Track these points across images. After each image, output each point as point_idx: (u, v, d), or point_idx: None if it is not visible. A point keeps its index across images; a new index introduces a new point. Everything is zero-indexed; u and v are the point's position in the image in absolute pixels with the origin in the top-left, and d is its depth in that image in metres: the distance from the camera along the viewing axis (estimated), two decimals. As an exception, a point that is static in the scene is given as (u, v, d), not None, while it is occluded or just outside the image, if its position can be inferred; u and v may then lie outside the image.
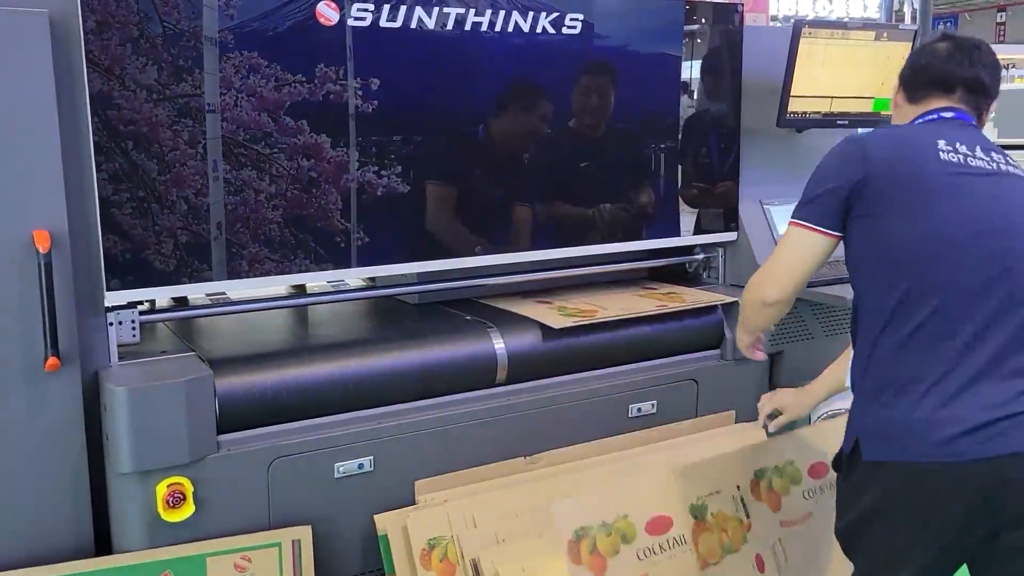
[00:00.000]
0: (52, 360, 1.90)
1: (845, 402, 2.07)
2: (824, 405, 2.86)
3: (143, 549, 2.00)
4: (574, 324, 2.47)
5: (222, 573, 2.05)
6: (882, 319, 1.68)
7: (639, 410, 2.64)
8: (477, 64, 2.45)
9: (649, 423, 2.65)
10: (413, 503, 2.29)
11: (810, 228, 1.74)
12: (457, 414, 2.36)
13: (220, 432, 2.07)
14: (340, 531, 2.21)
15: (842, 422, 2.32)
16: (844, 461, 1.75)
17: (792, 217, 1.79)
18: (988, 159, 1.73)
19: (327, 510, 2.19)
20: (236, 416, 2.10)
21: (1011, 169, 1.74)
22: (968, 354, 1.60)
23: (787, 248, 1.80)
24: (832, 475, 2.27)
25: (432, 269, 2.49)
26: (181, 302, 2.47)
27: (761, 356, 2.17)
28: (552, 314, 2.54)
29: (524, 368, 2.47)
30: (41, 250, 1.87)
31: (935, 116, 1.81)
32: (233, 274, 2.19)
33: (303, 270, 2.28)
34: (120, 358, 2.11)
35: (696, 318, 2.77)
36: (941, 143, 1.72)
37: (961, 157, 1.70)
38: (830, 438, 2.35)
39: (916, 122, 1.83)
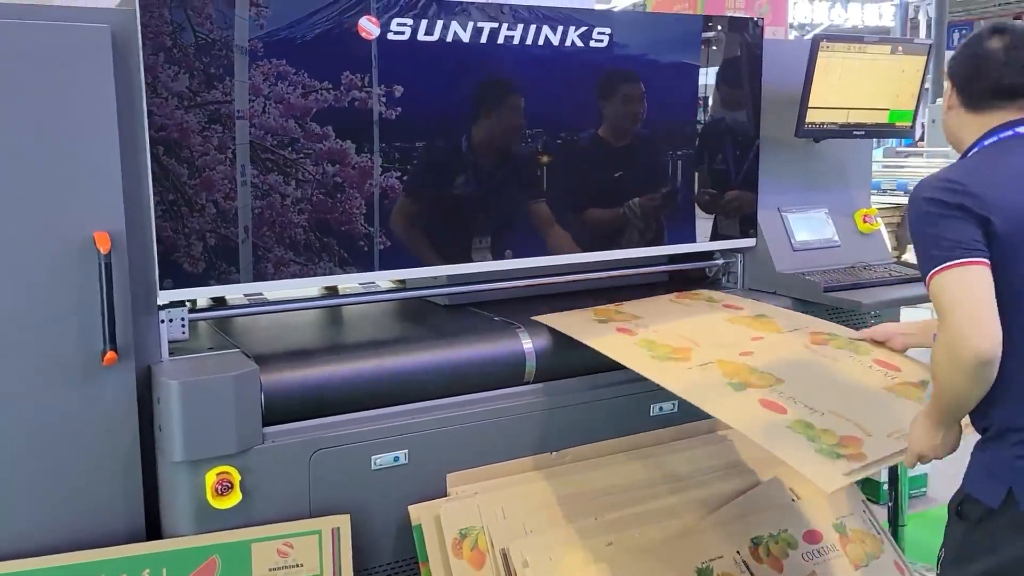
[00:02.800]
0: (110, 354, 2.02)
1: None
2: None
3: (191, 535, 2.11)
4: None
5: (265, 558, 2.16)
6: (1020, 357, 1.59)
7: (660, 409, 2.73)
8: (497, 73, 2.54)
9: (670, 422, 2.74)
10: (445, 495, 2.39)
11: (968, 263, 1.59)
12: (487, 411, 2.46)
13: (265, 424, 2.18)
14: (376, 520, 2.32)
15: (832, 497, 2.47)
16: (979, 510, 1.66)
17: (934, 268, 1.61)
18: None
19: (364, 500, 2.29)
20: (280, 409, 2.21)
21: None
22: None
23: (961, 292, 1.58)
24: (828, 541, 2.45)
25: (451, 272, 2.59)
26: (219, 302, 2.59)
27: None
28: (644, 357, 2.39)
29: (550, 367, 2.57)
30: (102, 250, 1.99)
31: (1010, 133, 1.72)
32: (259, 276, 2.28)
33: (327, 273, 2.37)
34: (170, 354, 2.22)
35: (716, 321, 2.86)
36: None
37: None
38: (818, 510, 2.51)
39: (989, 142, 1.74)
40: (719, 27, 2.90)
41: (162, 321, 2.20)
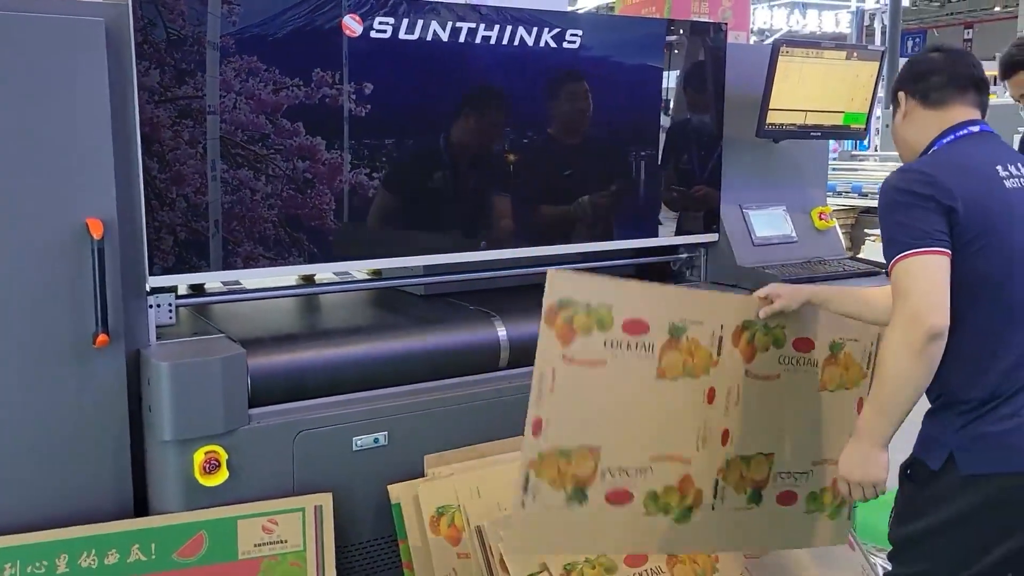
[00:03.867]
0: (102, 337, 2.09)
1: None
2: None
3: (179, 511, 2.19)
4: None
5: (251, 534, 2.25)
6: (981, 342, 1.76)
7: (628, 395, 2.85)
8: (467, 72, 2.62)
9: (637, 407, 2.87)
10: (423, 475, 2.50)
11: (928, 252, 1.70)
12: (464, 395, 2.57)
13: (251, 406, 2.26)
14: (357, 499, 2.41)
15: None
16: (925, 472, 1.80)
17: (901, 253, 1.71)
18: (1008, 175, 1.81)
19: (346, 480, 2.39)
20: (265, 391, 2.29)
21: None
22: None
23: (922, 276, 1.69)
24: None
25: (427, 263, 2.69)
26: (199, 290, 2.66)
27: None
28: (664, 530, 2.24)
29: (524, 354, 2.67)
30: (95, 236, 2.06)
31: (966, 132, 1.85)
32: (245, 264, 2.33)
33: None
34: (157, 338, 2.30)
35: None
36: (999, 169, 1.79)
37: (1018, 181, 1.79)
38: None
39: (948, 140, 1.86)
40: (682, 31, 3.03)
41: (150, 306, 2.27)
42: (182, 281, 2.31)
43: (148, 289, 2.26)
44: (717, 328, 2.22)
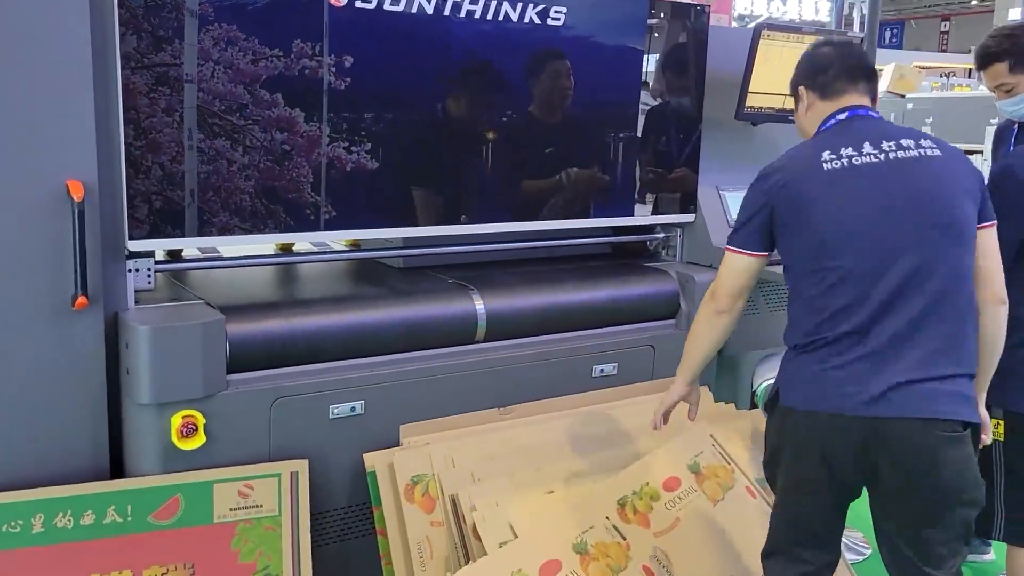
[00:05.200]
0: (81, 299, 2.09)
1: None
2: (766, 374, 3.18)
3: (156, 474, 2.20)
4: None
5: (227, 499, 2.27)
6: (802, 301, 2.05)
7: (602, 371, 2.90)
8: (450, 47, 2.60)
9: (610, 383, 2.92)
10: (398, 444, 2.53)
11: (737, 252, 2.14)
12: (440, 367, 2.59)
13: (229, 372, 2.27)
14: (333, 466, 2.44)
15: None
16: (769, 403, 2.16)
17: (727, 243, 2.17)
18: (876, 151, 2.01)
19: (322, 447, 2.41)
20: (243, 358, 2.30)
21: (900, 154, 2.00)
22: (871, 327, 1.94)
23: (726, 269, 2.18)
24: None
25: (407, 235, 2.70)
26: (174, 256, 2.66)
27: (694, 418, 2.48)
28: None
29: (501, 328, 2.72)
30: (76, 198, 2.05)
31: (834, 121, 2.10)
32: (223, 231, 2.33)
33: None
34: (136, 303, 2.30)
35: (654, 290, 3.04)
36: (825, 154, 2.02)
37: (845, 161, 2.01)
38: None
39: (821, 129, 2.12)
40: (664, 12, 3.05)
41: (129, 270, 2.27)
42: (161, 246, 2.30)
43: (127, 253, 2.25)
44: (605, 521, 2.48)
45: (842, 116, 2.10)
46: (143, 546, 2.18)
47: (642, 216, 3.15)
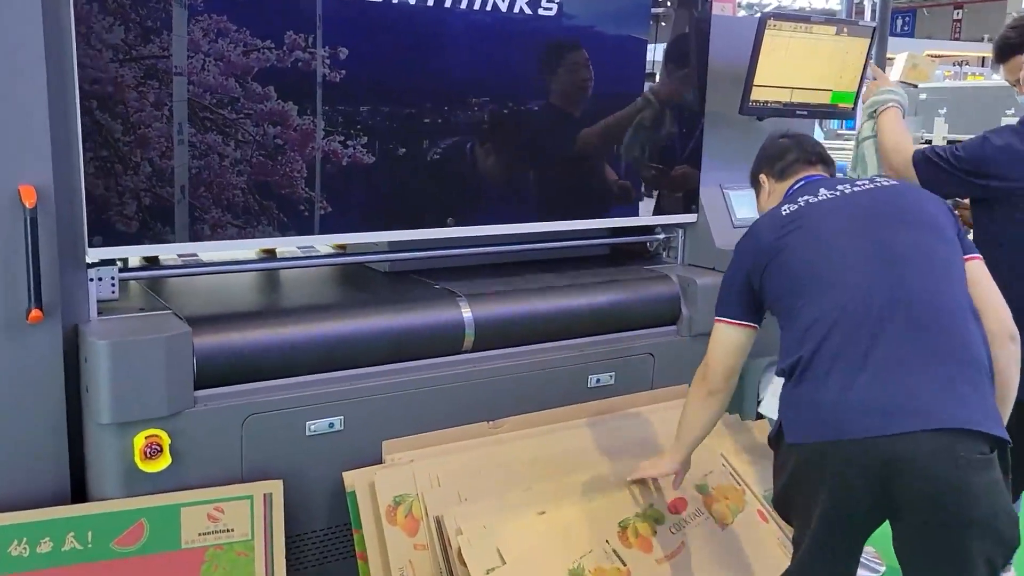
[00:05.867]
0: (35, 312, 1.95)
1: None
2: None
3: (119, 498, 2.07)
4: None
5: (195, 523, 2.13)
6: (790, 333, 1.96)
7: (598, 381, 2.76)
8: (447, 38, 2.49)
9: (607, 393, 2.77)
10: (381, 462, 2.39)
11: (725, 322, 2.12)
12: (425, 379, 2.45)
13: (197, 388, 2.14)
14: (310, 486, 2.30)
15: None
16: (773, 440, 1.98)
17: (715, 315, 2.15)
18: (832, 192, 2.04)
19: (298, 466, 2.27)
20: (212, 373, 2.16)
21: (856, 188, 2.04)
22: (865, 343, 1.82)
23: (715, 344, 2.15)
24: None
25: (392, 239, 2.56)
26: (152, 261, 2.53)
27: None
28: None
29: (490, 336, 2.57)
30: (28, 205, 1.91)
31: (791, 191, 2.16)
32: (195, 237, 2.22)
33: (266, 235, 2.32)
34: (99, 313, 2.16)
35: (654, 295, 2.89)
36: (784, 207, 2.05)
37: (802, 203, 2.03)
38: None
39: (790, 192, 2.18)
40: (668, 1, 2.90)
41: (91, 279, 2.14)
42: (122, 254, 2.17)
43: (88, 262, 2.11)
44: (605, 545, 2.34)
45: (798, 185, 2.18)
46: (105, 575, 2.05)
47: (641, 216, 2.99)
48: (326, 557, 2.37)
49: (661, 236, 3.15)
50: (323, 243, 2.54)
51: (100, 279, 2.16)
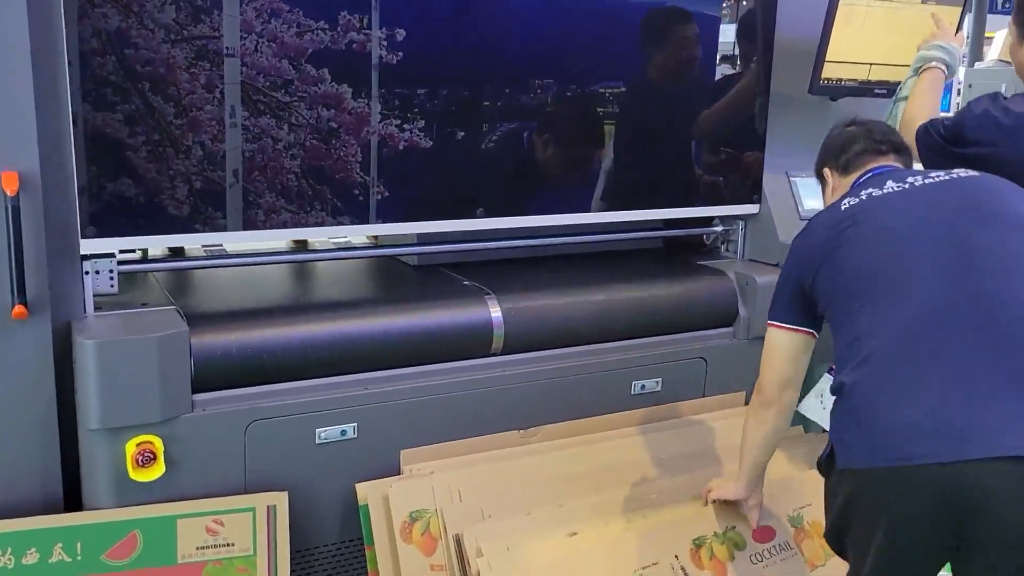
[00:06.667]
0: (18, 308, 1.81)
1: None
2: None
3: (111, 507, 1.93)
4: None
5: (192, 536, 1.98)
6: (846, 341, 1.69)
7: (643, 387, 2.52)
8: (505, 19, 2.32)
9: (653, 401, 2.53)
10: (399, 473, 2.20)
11: (777, 327, 1.91)
12: (449, 383, 2.25)
13: (195, 391, 1.98)
14: (319, 499, 2.13)
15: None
16: (823, 465, 1.74)
17: (768, 319, 1.93)
18: (900, 184, 1.76)
19: (306, 476, 2.10)
20: (213, 375, 2.00)
21: (927, 181, 1.76)
22: (926, 366, 1.56)
23: (769, 351, 1.94)
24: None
25: (449, 230, 2.37)
26: (178, 253, 2.40)
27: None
28: None
29: (521, 338, 2.35)
30: (8, 192, 1.77)
31: (856, 184, 1.89)
32: (199, 227, 2.08)
33: (318, 223, 2.19)
34: (97, 308, 2.02)
35: (708, 293, 2.63)
36: (845, 201, 1.80)
37: (864, 197, 1.77)
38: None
39: (856, 184, 1.90)
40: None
41: (86, 273, 2.00)
42: (119, 246, 2.02)
43: (83, 254, 1.97)
44: (673, 561, 2.13)
45: (865, 177, 1.90)
46: (96, 589, 1.92)
47: (698, 207, 2.73)
48: (337, 574, 2.20)
49: (719, 228, 2.87)
50: (374, 232, 2.36)
51: (97, 272, 2.02)
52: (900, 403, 1.54)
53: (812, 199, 2.77)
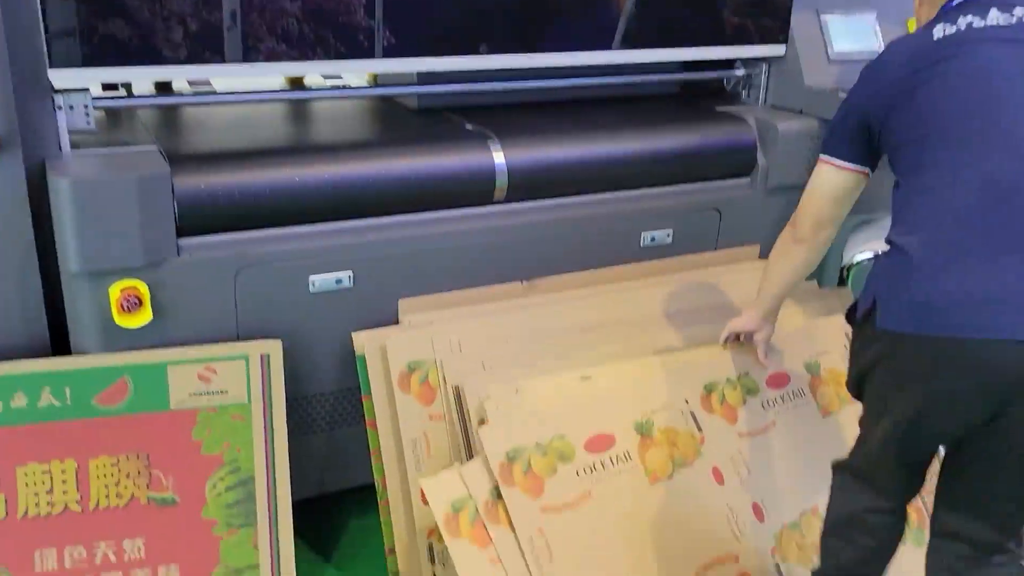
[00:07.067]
0: (-22, 143, 1.70)
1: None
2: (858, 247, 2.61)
3: (99, 353, 1.88)
4: None
5: (184, 383, 1.93)
6: (912, 188, 1.54)
7: (652, 239, 2.41)
8: None
9: (663, 253, 2.43)
10: (396, 323, 2.13)
11: (828, 163, 1.75)
12: (449, 231, 2.15)
13: (181, 235, 1.88)
14: (315, 348, 2.07)
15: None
16: (857, 321, 1.63)
17: (820, 153, 1.76)
18: (1007, 15, 1.52)
19: (301, 325, 2.04)
20: (199, 219, 1.90)
21: None
22: (998, 234, 1.42)
23: (814, 186, 1.78)
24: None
25: (450, 68, 2.18)
26: (165, 88, 2.25)
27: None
28: None
29: (526, 185, 2.23)
30: (-38, 14, 1.63)
31: (955, 2, 1.60)
32: (186, 59, 1.89)
33: (315, 57, 1.99)
34: (75, 147, 1.90)
35: (725, 140, 2.47)
36: (938, 27, 1.57)
37: (962, 26, 1.53)
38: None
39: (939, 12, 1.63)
40: None
41: (59, 107, 1.86)
42: (91, 79, 1.87)
43: (53, 87, 1.83)
44: (683, 404, 2.08)
45: (958, 1, 1.60)
46: (88, 433, 1.88)
47: (716, 47, 2.53)
48: (335, 422, 2.17)
49: (740, 72, 2.68)
50: (377, 68, 2.17)
51: (71, 107, 1.88)
52: (974, 270, 1.41)
53: (844, 40, 2.57)
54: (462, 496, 1.82)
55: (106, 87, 2.14)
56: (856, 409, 1.77)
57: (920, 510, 2.18)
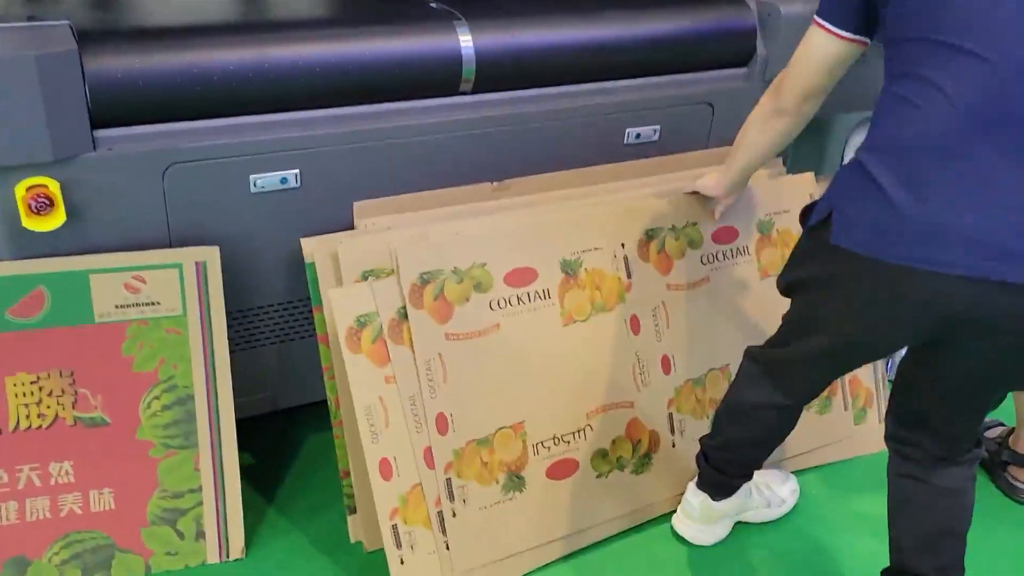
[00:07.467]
0: None
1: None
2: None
3: (7, 260, 1.66)
4: None
5: (110, 293, 1.73)
6: (895, 93, 1.37)
7: (638, 136, 2.18)
8: None
9: (649, 151, 2.21)
10: (351, 228, 1.92)
11: (822, 27, 1.54)
12: (409, 125, 1.91)
13: (96, 126, 1.64)
14: (259, 255, 1.87)
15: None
16: (810, 225, 1.52)
17: (814, 15, 1.56)
18: None
19: (242, 230, 1.82)
20: (118, 107, 1.66)
21: None
22: (966, 169, 1.31)
23: (803, 51, 1.58)
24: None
25: None
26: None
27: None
28: None
29: (497, 74, 1.98)
30: None
31: None
32: None
33: None
34: (-28, 21, 1.65)
35: (720, 25, 2.22)
36: None
37: None
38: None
39: None
40: None
41: (-54, -27, 1.60)
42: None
43: (-63, -53, 1.57)
44: (618, 248, 2.01)
45: None
46: (2, 348, 1.69)
47: (716, -82, 2.24)
48: (285, 334, 1.99)
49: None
50: None
51: (-38, -27, 1.62)
52: (948, 195, 1.30)
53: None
54: (369, 312, 1.75)
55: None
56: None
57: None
